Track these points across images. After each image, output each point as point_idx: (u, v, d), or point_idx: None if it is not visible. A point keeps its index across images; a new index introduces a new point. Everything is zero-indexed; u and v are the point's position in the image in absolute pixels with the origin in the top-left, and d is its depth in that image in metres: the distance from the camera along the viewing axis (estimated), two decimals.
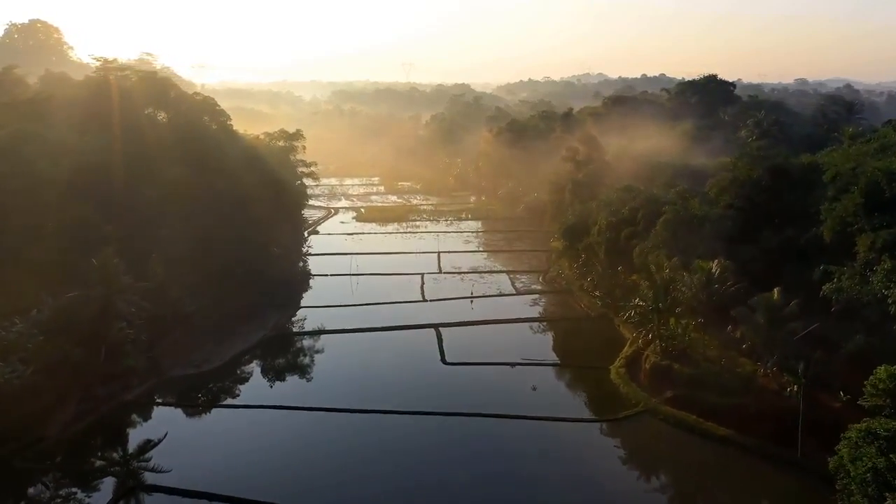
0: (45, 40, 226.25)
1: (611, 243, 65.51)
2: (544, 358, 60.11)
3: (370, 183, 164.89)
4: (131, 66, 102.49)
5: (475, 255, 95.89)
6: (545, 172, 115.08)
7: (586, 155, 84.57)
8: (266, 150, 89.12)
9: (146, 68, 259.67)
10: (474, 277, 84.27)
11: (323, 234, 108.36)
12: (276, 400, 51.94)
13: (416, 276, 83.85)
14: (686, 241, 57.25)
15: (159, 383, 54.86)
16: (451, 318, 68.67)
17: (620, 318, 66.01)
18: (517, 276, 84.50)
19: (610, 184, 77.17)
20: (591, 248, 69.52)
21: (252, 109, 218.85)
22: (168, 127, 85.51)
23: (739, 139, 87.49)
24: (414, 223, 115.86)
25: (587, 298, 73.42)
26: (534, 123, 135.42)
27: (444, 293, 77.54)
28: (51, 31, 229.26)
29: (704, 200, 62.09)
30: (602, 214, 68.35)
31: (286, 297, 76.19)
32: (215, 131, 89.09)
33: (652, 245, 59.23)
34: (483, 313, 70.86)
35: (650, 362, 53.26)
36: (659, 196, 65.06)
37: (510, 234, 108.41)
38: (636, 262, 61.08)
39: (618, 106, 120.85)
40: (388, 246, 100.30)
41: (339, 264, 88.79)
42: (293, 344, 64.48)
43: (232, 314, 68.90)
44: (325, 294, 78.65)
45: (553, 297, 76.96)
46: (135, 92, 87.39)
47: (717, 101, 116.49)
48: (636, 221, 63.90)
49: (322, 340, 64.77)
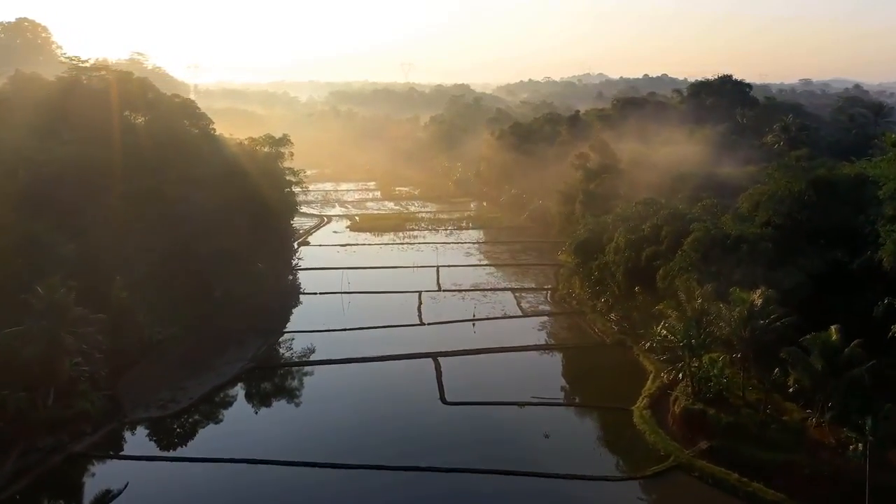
0: (33, 39, 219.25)
1: (630, 263, 58.58)
2: (556, 395, 53.20)
3: (366, 188, 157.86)
4: (108, 66, 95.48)
5: (477, 269, 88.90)
6: (551, 179, 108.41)
7: (598, 162, 77.65)
8: (250, 156, 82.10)
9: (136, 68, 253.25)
10: (476, 296, 77.34)
11: (314, 246, 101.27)
12: (251, 449, 44.90)
13: (413, 295, 76.88)
14: (719, 264, 50.34)
15: (119, 428, 47.87)
16: (451, 345, 61.76)
17: (640, 347, 59.23)
18: (523, 295, 77.56)
19: (626, 195, 70.33)
20: (606, 267, 62.63)
21: (244, 111, 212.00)
22: (145, 131, 78.69)
23: (764, 146, 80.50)
24: (411, 233, 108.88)
25: (601, 322, 66.53)
26: (538, 126, 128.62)
27: (444, 314, 70.60)
28: (38, 30, 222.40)
29: (737, 217, 55.19)
30: (619, 231, 61.44)
31: (270, 320, 69.32)
32: (196, 136, 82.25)
33: (679, 268, 52.33)
34: (486, 339, 63.95)
35: (680, 405, 46.36)
36: (684, 211, 58.15)
37: (514, 245, 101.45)
38: (660, 285, 54.20)
39: (628, 108, 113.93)
40: (384, 259, 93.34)
41: (330, 280, 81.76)
42: (274, 379, 57.45)
43: (207, 342, 62.17)
44: (314, 315, 71.68)
45: (563, 320, 70.01)
46: (109, 93, 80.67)
47: (735, 103, 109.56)
48: (659, 240, 57.02)
49: (308, 374, 57.83)
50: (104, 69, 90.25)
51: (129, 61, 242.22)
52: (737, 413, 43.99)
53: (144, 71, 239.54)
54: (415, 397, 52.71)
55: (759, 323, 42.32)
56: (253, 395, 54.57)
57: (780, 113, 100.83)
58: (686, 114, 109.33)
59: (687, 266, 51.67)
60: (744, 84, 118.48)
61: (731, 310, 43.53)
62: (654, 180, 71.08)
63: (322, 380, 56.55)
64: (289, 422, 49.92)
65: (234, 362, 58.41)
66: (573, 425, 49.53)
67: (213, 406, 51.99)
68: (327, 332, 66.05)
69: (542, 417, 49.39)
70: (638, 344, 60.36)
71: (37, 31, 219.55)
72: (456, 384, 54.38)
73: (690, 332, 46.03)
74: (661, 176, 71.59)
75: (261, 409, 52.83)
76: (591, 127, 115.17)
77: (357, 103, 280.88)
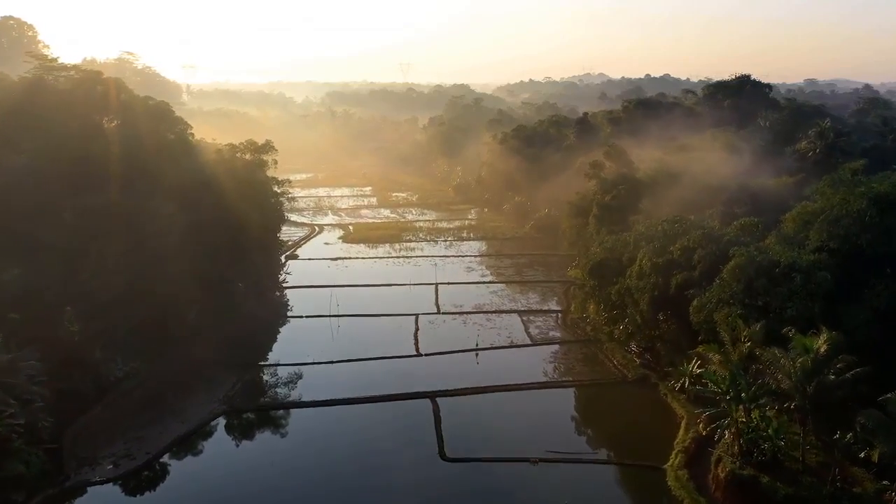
0: (18, 38, 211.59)
1: (657, 291, 51.10)
2: (574, 448, 45.60)
3: (361, 194, 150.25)
4: (77, 66, 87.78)
5: (479, 287, 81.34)
6: (558, 186, 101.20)
7: (614, 171, 70.12)
8: (228, 165, 74.56)
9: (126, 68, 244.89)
10: (479, 319, 69.85)
11: (303, 260, 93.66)
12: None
13: (410, 319, 69.41)
14: (766, 296, 42.90)
15: (58, 496, 40.28)
16: (451, 382, 54.35)
17: (667, 385, 51.83)
18: (531, 318, 70.03)
19: (646, 210, 62.84)
20: (628, 293, 55.15)
21: (236, 112, 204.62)
22: (114, 137, 71.13)
23: (797, 153, 72.95)
24: (408, 244, 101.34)
25: (621, 354, 59.13)
26: (543, 129, 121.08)
27: (443, 343, 63.12)
28: (24, 29, 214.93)
29: (781, 239, 47.72)
30: (643, 252, 53.95)
31: (249, 351, 61.81)
32: (171, 142, 74.62)
33: (718, 299, 44.84)
34: (491, 373, 56.52)
35: (725, 469, 38.88)
36: (719, 231, 50.65)
37: (519, 258, 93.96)
38: (694, 319, 46.69)
39: (640, 110, 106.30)
40: (378, 275, 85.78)
41: (319, 300, 74.20)
42: (247, 426, 49.81)
43: (174, 379, 54.69)
44: (299, 343, 64.20)
45: (577, 349, 62.51)
46: (76, 95, 73.09)
47: (755, 105, 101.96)
48: (691, 265, 49.54)
49: (286, 420, 50.27)
50: (73, 68, 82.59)
51: (117, 60, 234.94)
52: (797, 482, 36.57)
53: (134, 71, 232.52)
54: (410, 451, 45.16)
55: (829, 378, 34.81)
56: (221, 448, 46.96)
57: (805, 116, 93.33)
58: (703, 116, 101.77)
59: (727, 298, 44.19)
60: (763, 85, 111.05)
61: (790, 359, 36.02)
62: (678, 192, 63.57)
63: (302, 428, 48.95)
64: (260, 482, 42.30)
65: (202, 404, 50.88)
66: (597, 489, 42.01)
67: (174, 463, 44.44)
68: (313, 364, 58.57)
69: (561, 478, 41.97)
70: (664, 381, 53.02)
71: (22, 30, 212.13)
72: (457, 433, 46.97)
73: (739, 383, 38.57)
74: (684, 187, 64.06)
75: (230, 464, 45.20)
76: (601, 130, 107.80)
77: (354, 104, 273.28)
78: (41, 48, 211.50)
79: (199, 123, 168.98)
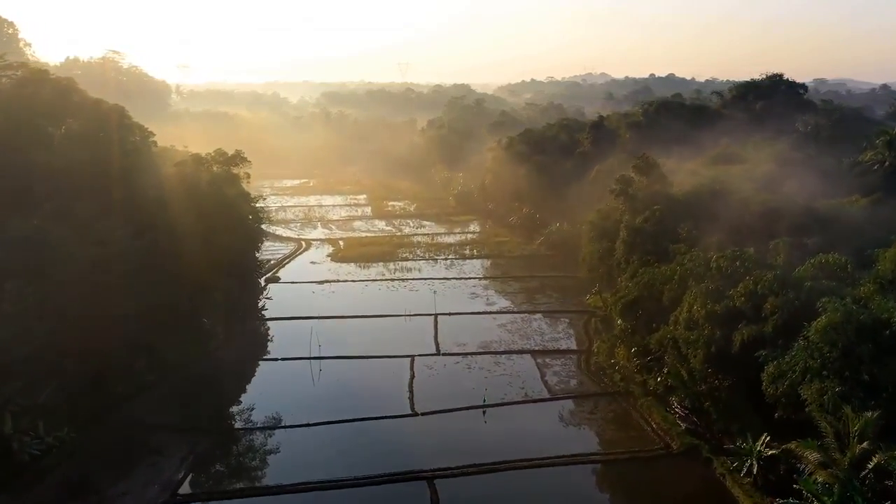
0: None
1: (714, 347, 40.47)
2: None
3: (355, 202, 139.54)
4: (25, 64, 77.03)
5: (484, 318, 70.71)
6: (571, 198, 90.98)
7: (645, 188, 59.45)
8: (191, 179, 63.95)
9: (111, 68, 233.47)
10: (486, 362, 59.26)
11: (285, 283, 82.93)
12: None
13: (404, 362, 58.85)
14: (873, 365, 32.33)
15: None
16: (453, 455, 43.52)
17: (725, 463, 41.24)
18: (547, 362, 59.40)
19: (690, 238, 52.15)
20: (673, 344, 44.51)
21: (224, 114, 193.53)
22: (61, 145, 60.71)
23: (859, 165, 62.36)
24: (404, 264, 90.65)
25: (659, 413, 48.51)
26: (552, 133, 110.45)
27: (444, 395, 52.46)
28: (4, 26, 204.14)
29: (879, 285, 37.13)
30: (693, 294, 43.34)
31: (210, 407, 51.06)
32: (126, 151, 64.06)
33: (804, 368, 34.25)
34: (502, 441, 46.01)
35: None
36: (799, 276, 39.92)
37: (529, 281, 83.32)
38: (769, 390, 36.10)
39: (662, 113, 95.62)
40: (369, 303, 75.11)
41: (300, 335, 63.41)
42: None
43: (112, 453, 43.92)
44: (272, 396, 53.60)
45: (605, 405, 51.85)
46: (19, 97, 62.75)
47: (791, 108, 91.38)
48: (760, 316, 38.91)
49: None
50: (21, 66, 71.98)
51: (102, 60, 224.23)
52: None
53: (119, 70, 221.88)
54: None
55: None
56: None
57: (848, 120, 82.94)
58: (735, 121, 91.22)
59: (818, 368, 33.61)
60: (798, 85, 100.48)
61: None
62: (724, 215, 52.91)
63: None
64: None
65: (140, 490, 40.19)
66: None
67: None
68: (285, 428, 47.99)
69: None
70: (720, 456, 42.39)
71: (2, 28, 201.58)
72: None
73: (853, 495, 28.00)
74: (732, 209, 53.41)
75: None
76: (618, 136, 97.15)
77: (350, 105, 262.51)
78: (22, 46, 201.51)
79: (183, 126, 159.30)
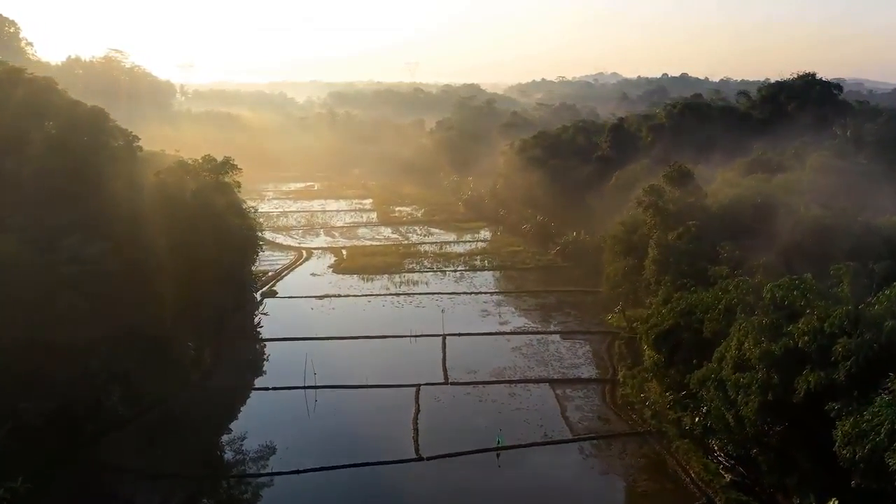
0: None
1: (772, 394, 34.37)
2: None
3: (360, 208, 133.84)
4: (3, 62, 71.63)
5: (497, 339, 64.83)
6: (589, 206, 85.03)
7: (678, 200, 53.32)
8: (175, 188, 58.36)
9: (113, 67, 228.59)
10: (499, 394, 53.37)
11: (282, 298, 77.18)
12: None
13: (408, 392, 53.06)
14: None
15: None
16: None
17: None
18: (567, 393, 53.42)
19: (733, 259, 46.00)
20: (719, 386, 38.40)
21: (227, 115, 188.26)
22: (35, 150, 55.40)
23: None
24: (410, 276, 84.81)
25: (698, 460, 42.54)
26: (569, 137, 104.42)
27: (453, 435, 46.67)
28: (5, 25, 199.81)
29: None
30: (742, 327, 37.28)
31: (187, 451, 45.20)
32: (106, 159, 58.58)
33: (889, 430, 28.14)
34: (518, 489, 40.34)
35: None
36: (867, 311, 33.73)
37: (545, 296, 77.30)
38: (845, 453, 30.01)
39: (687, 116, 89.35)
40: (371, 321, 69.27)
41: (295, 359, 57.46)
42: None
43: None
44: (261, 432, 47.66)
45: (635, 448, 45.76)
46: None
47: (827, 110, 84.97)
48: (829, 360, 32.78)
49: None
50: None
51: (104, 59, 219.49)
52: None
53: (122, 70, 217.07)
54: None
55: None
56: None
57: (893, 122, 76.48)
58: (766, 124, 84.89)
59: None
60: (832, 85, 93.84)
61: None
62: (773, 232, 46.78)
63: None
64: None
65: None
66: None
67: None
68: (276, 475, 42.24)
69: None
70: None
71: (3, 26, 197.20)
72: None
73: None
74: (780, 225, 47.26)
75: None
76: (640, 139, 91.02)
77: (357, 105, 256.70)
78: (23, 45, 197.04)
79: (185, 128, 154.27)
